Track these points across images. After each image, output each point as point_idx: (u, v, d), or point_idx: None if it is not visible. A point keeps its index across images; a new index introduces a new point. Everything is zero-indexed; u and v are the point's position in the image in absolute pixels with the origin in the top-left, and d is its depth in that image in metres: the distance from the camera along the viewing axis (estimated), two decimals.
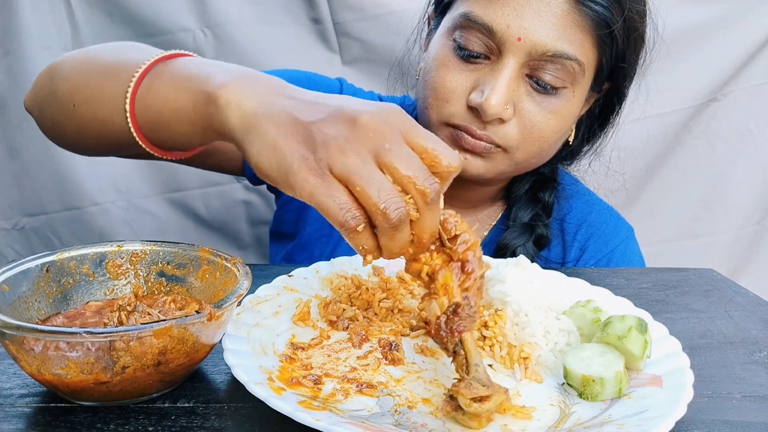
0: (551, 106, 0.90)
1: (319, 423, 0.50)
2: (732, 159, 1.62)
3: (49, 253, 0.65)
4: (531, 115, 0.89)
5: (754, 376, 0.66)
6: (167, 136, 0.69)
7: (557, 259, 1.08)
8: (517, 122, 0.90)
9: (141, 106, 0.69)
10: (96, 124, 0.75)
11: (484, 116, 0.87)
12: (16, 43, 1.40)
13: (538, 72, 0.88)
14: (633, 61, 0.95)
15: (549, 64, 0.87)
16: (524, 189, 1.06)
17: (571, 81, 0.89)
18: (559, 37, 0.85)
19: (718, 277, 0.94)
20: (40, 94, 0.83)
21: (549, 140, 0.92)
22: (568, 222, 1.08)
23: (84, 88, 0.75)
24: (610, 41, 0.89)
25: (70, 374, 0.52)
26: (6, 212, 1.51)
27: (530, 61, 0.87)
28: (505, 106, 0.87)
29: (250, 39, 1.46)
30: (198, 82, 0.63)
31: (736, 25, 1.51)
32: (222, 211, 1.59)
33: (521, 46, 0.86)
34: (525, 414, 0.57)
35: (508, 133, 0.90)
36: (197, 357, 0.58)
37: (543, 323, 0.67)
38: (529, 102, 0.89)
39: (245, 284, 0.61)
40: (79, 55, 0.80)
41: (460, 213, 1.07)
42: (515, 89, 0.88)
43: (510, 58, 0.87)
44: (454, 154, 0.55)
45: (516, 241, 1.03)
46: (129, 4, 1.42)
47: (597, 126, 1.04)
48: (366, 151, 0.52)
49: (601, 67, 0.92)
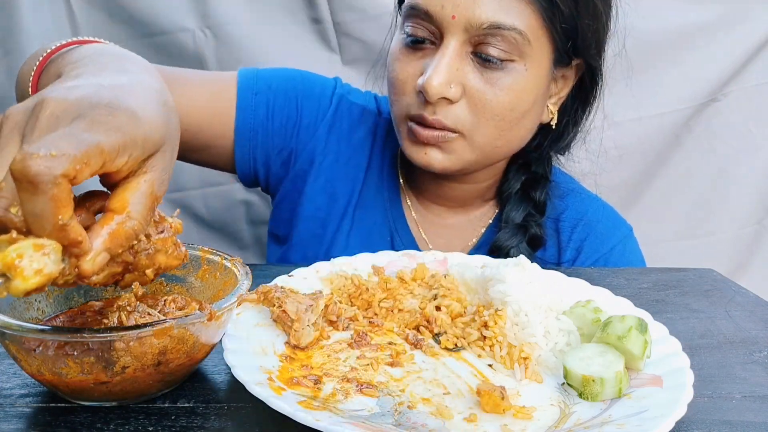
0: (501, 82, 0.89)
1: (319, 423, 0.50)
2: (732, 159, 1.62)
3: None
4: (480, 93, 0.89)
5: (754, 376, 0.66)
6: None
7: (552, 259, 1.07)
8: (467, 102, 0.89)
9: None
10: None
11: (428, 97, 0.87)
12: (16, 43, 1.40)
13: (481, 47, 0.87)
14: (591, 29, 0.92)
15: (490, 37, 0.86)
16: (516, 188, 1.05)
17: (519, 53, 0.88)
18: (495, 9, 0.85)
19: (718, 277, 0.94)
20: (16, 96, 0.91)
21: (505, 118, 0.91)
22: (563, 221, 1.07)
23: (22, 82, 0.84)
24: (552, 9, 0.87)
25: (70, 374, 0.52)
26: None
27: (471, 37, 0.87)
28: (448, 85, 0.87)
29: (250, 39, 1.46)
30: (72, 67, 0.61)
31: (736, 25, 1.51)
32: (222, 211, 1.59)
33: (457, 24, 0.86)
34: (525, 414, 0.57)
35: (459, 114, 0.90)
36: (197, 357, 0.58)
37: (543, 323, 0.67)
38: (477, 79, 0.89)
39: (245, 284, 0.61)
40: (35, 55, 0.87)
41: (451, 213, 1.09)
42: (459, 68, 0.88)
43: (449, 38, 0.87)
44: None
45: (509, 242, 1.02)
46: (129, 4, 1.42)
47: (579, 105, 1.02)
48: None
49: (553, 38, 0.90)
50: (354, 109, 1.09)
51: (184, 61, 1.46)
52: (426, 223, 1.09)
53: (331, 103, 1.07)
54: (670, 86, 1.55)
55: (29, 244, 0.44)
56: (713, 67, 1.55)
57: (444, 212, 1.09)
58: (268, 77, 1.04)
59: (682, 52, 1.52)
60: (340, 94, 1.09)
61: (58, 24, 1.43)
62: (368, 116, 1.10)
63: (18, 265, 0.43)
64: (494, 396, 0.56)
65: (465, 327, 0.70)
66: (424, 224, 1.09)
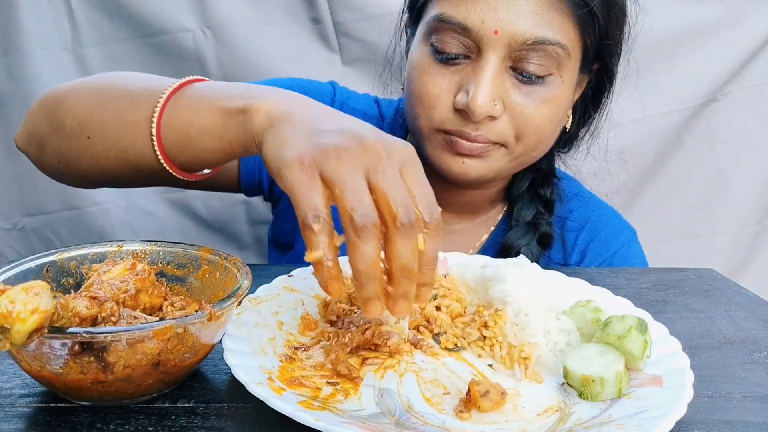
0: (541, 95, 0.88)
1: (319, 423, 0.50)
2: (732, 159, 1.62)
3: (49, 253, 0.65)
4: (522, 108, 0.88)
5: (754, 376, 0.66)
6: (192, 156, 0.71)
7: (558, 260, 1.07)
8: (509, 117, 0.88)
9: (167, 129, 0.71)
10: (115, 152, 0.74)
11: (473, 116, 0.86)
12: (16, 43, 1.40)
13: (521, 63, 0.86)
14: (617, 36, 0.94)
15: (531, 53, 0.85)
16: (524, 187, 1.05)
17: (557, 66, 0.87)
18: (537, 23, 0.84)
19: (718, 277, 0.94)
20: (37, 132, 0.81)
21: (546, 130, 0.91)
22: (569, 226, 1.07)
23: (99, 120, 0.75)
24: (591, 20, 0.87)
25: (70, 374, 0.52)
26: (6, 212, 1.51)
27: (511, 52, 0.85)
28: (493, 103, 0.86)
29: (250, 39, 1.46)
30: (227, 99, 0.67)
31: (736, 25, 1.51)
32: (222, 211, 1.59)
33: (499, 39, 0.84)
34: (525, 414, 0.57)
35: (502, 129, 0.89)
36: (197, 357, 0.58)
37: (543, 323, 0.67)
38: (518, 94, 0.87)
39: (245, 284, 0.61)
40: (81, 87, 0.79)
41: (459, 218, 1.08)
42: (501, 84, 0.86)
43: (490, 53, 0.85)
44: (433, 209, 0.56)
45: (520, 240, 1.02)
46: (129, 4, 1.42)
47: (591, 108, 1.02)
48: (360, 165, 0.54)
49: (586, 47, 0.90)
50: (355, 115, 1.08)
51: (184, 61, 1.45)
52: None
53: None
54: (670, 86, 1.55)
55: (18, 289, 0.46)
56: (713, 67, 1.55)
57: (452, 218, 1.08)
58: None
59: (682, 52, 1.52)
60: (341, 101, 1.07)
61: (58, 24, 1.43)
62: (370, 122, 1.09)
63: (13, 310, 0.45)
64: (478, 395, 0.57)
65: (465, 327, 0.70)
66: None
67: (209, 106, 0.68)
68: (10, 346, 0.46)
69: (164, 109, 0.71)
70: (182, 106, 0.70)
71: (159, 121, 0.71)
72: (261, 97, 0.64)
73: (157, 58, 1.46)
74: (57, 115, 0.78)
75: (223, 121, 0.67)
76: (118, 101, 0.75)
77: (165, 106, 0.71)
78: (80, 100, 0.77)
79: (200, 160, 0.72)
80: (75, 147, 0.77)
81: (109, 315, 0.56)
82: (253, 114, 0.63)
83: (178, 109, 0.70)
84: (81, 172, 0.80)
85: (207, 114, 0.68)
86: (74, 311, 0.53)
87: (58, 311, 0.49)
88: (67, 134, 0.77)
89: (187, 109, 0.70)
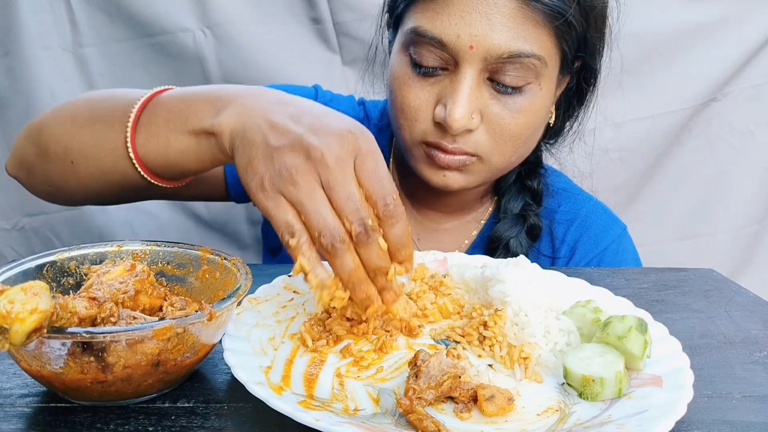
0: (518, 105, 0.88)
1: (319, 423, 0.50)
2: (732, 159, 1.63)
3: (49, 253, 0.65)
4: (498, 119, 0.88)
5: (754, 376, 0.66)
6: (179, 173, 0.75)
7: (547, 252, 1.07)
8: (485, 128, 0.89)
9: (145, 151, 0.74)
10: (99, 175, 0.78)
11: (451, 131, 0.86)
12: (16, 43, 1.40)
13: (498, 75, 0.86)
14: (597, 39, 0.93)
15: (508, 65, 0.85)
16: (512, 179, 1.06)
17: (535, 75, 0.87)
18: (513, 36, 0.83)
19: (718, 277, 0.94)
20: (25, 159, 0.84)
21: (522, 137, 0.91)
22: (558, 219, 1.07)
23: (79, 145, 0.78)
24: (567, 28, 0.86)
25: (69, 374, 0.52)
26: (6, 212, 1.51)
27: (488, 65, 0.85)
28: (470, 117, 0.86)
29: (250, 39, 1.46)
30: (193, 118, 0.70)
31: (736, 25, 1.51)
32: (222, 212, 1.59)
33: (475, 54, 0.84)
34: (524, 414, 0.57)
35: (479, 140, 0.89)
36: (197, 357, 0.58)
37: (543, 323, 0.67)
38: (495, 105, 0.88)
39: (245, 284, 0.61)
40: (61, 113, 0.81)
41: (448, 217, 1.08)
42: (478, 96, 0.87)
43: (466, 67, 0.85)
44: (388, 199, 0.59)
45: (508, 232, 1.02)
46: (129, 4, 1.42)
47: (575, 102, 1.02)
48: (314, 180, 0.58)
49: (564, 53, 0.89)
50: None
51: (184, 61, 1.46)
52: (421, 229, 1.09)
53: None
54: (670, 86, 1.55)
55: (17, 289, 0.47)
56: (713, 67, 1.55)
57: (441, 218, 1.09)
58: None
59: (682, 52, 1.53)
60: (323, 104, 1.07)
61: (58, 24, 1.43)
62: None
63: (12, 310, 0.46)
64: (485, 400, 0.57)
65: (465, 327, 0.70)
66: (419, 230, 1.08)
67: (179, 129, 0.71)
68: (9, 346, 0.46)
69: (135, 131, 0.73)
70: (156, 129, 0.73)
71: (133, 142, 0.73)
72: (224, 113, 0.66)
73: (157, 58, 1.46)
74: (41, 143, 0.80)
75: (196, 143, 0.70)
76: (95, 125, 0.77)
77: (135, 128, 0.73)
78: (60, 126, 0.80)
79: (186, 173, 0.75)
80: (61, 172, 0.79)
81: (108, 315, 0.56)
82: (219, 136, 0.66)
83: (151, 132, 0.73)
84: (70, 194, 0.83)
85: (179, 138, 0.71)
86: (73, 311, 0.53)
87: (57, 311, 0.50)
88: (52, 160, 0.80)
89: (160, 133, 0.72)
